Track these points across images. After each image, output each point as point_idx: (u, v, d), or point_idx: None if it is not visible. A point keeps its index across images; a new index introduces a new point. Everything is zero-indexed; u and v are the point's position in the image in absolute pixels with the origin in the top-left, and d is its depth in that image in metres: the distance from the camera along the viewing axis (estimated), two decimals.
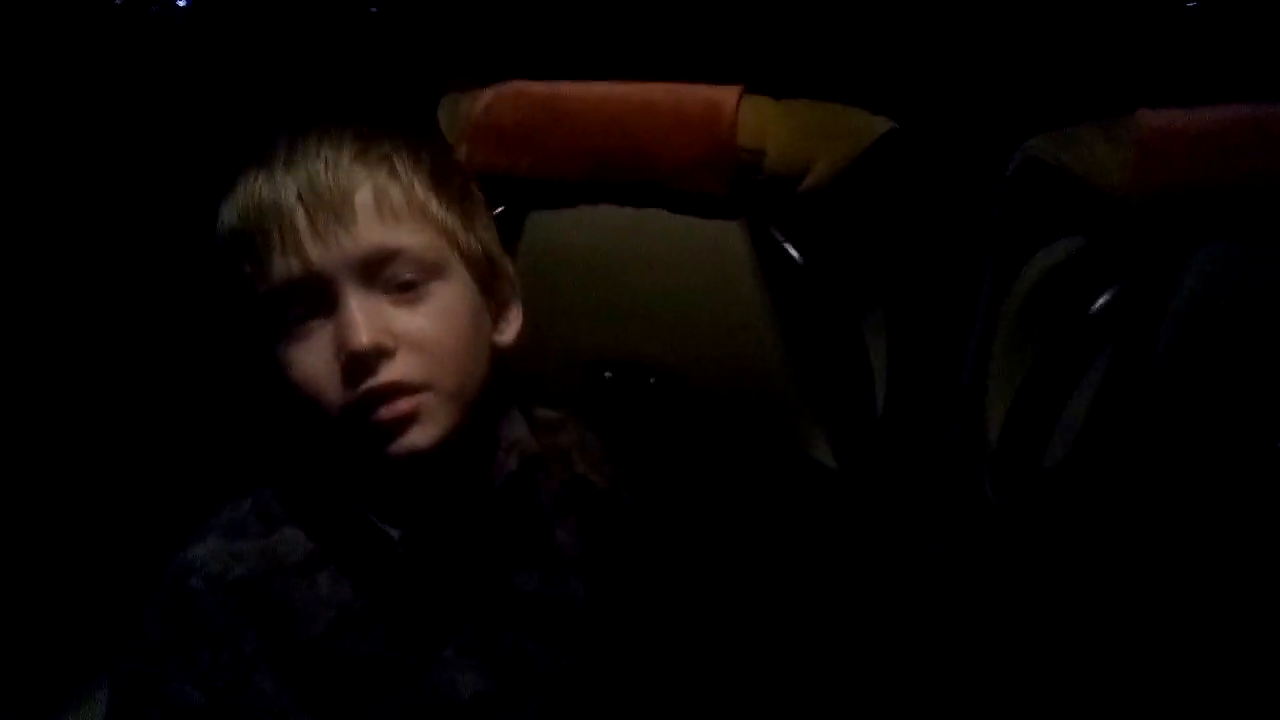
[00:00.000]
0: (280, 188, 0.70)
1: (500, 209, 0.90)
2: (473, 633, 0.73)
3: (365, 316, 0.68)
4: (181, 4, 1.63)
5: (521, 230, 0.94)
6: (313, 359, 0.69)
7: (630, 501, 0.82)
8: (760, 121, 0.90)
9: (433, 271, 0.72)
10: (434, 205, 0.73)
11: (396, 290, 0.70)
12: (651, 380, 0.92)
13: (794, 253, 0.89)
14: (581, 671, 0.75)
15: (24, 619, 1.28)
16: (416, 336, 0.70)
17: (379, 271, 0.70)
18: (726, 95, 0.90)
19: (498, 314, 0.78)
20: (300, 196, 0.69)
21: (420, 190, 0.73)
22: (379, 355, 0.68)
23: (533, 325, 0.83)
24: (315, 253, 0.68)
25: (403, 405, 0.68)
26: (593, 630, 0.76)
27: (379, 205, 0.70)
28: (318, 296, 0.69)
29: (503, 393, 0.78)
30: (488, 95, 0.95)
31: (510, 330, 0.79)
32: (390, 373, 0.68)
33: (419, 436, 0.69)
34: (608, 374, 0.93)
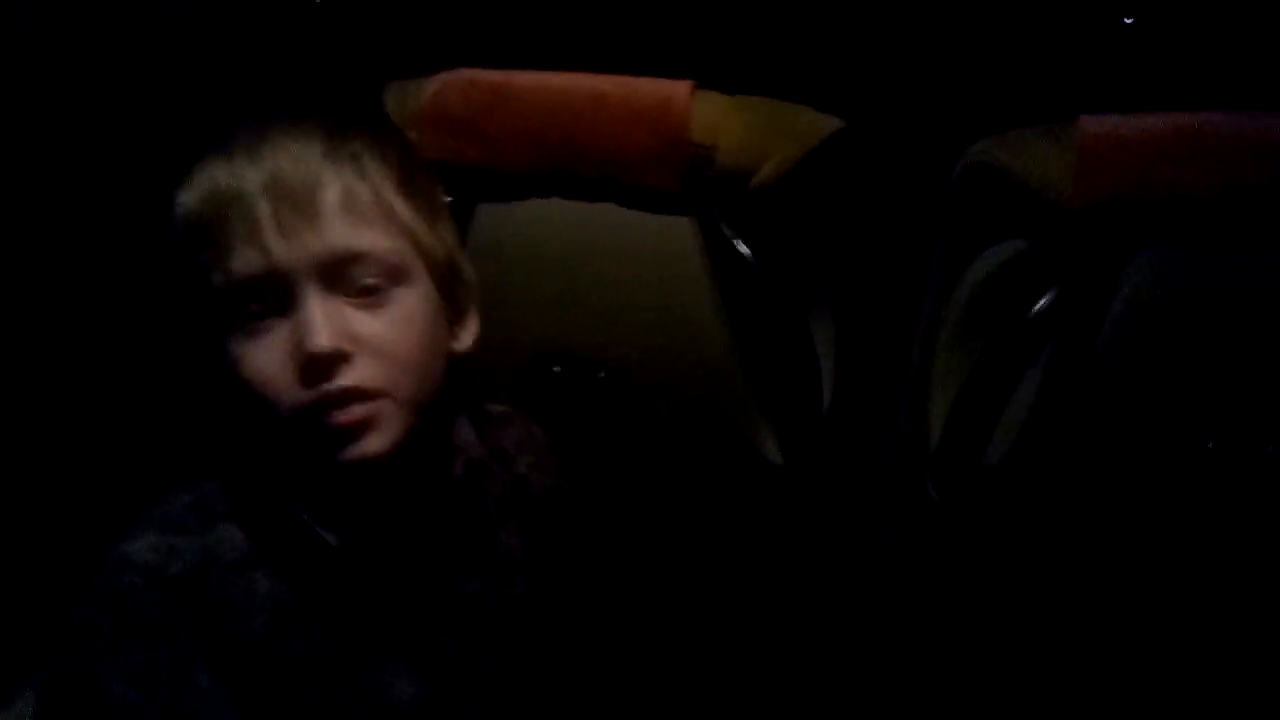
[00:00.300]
0: (244, 178, 0.67)
1: (448, 200, 0.89)
2: (411, 637, 0.73)
3: (326, 318, 0.66)
4: None
5: (470, 222, 0.93)
6: (267, 357, 0.67)
7: (574, 499, 0.82)
8: (712, 117, 0.90)
9: (396, 276, 0.69)
10: (400, 207, 0.70)
11: (359, 293, 0.68)
12: (600, 374, 0.92)
13: (743, 248, 0.89)
14: (520, 674, 0.75)
15: None
16: (376, 342, 0.68)
17: (342, 273, 0.67)
18: (679, 90, 0.90)
19: (455, 320, 0.76)
20: (265, 189, 0.66)
21: (388, 191, 0.70)
22: (337, 359, 0.66)
23: (481, 318, 0.82)
24: (278, 249, 0.66)
25: (358, 411, 0.66)
26: (534, 631, 0.76)
27: (346, 205, 0.68)
28: (277, 293, 0.67)
29: (453, 395, 0.77)
30: (437, 82, 0.94)
31: (467, 336, 0.77)
32: (347, 377, 0.66)
33: (373, 443, 0.67)
34: (556, 368, 0.93)
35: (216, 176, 0.68)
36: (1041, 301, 0.81)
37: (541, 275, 0.92)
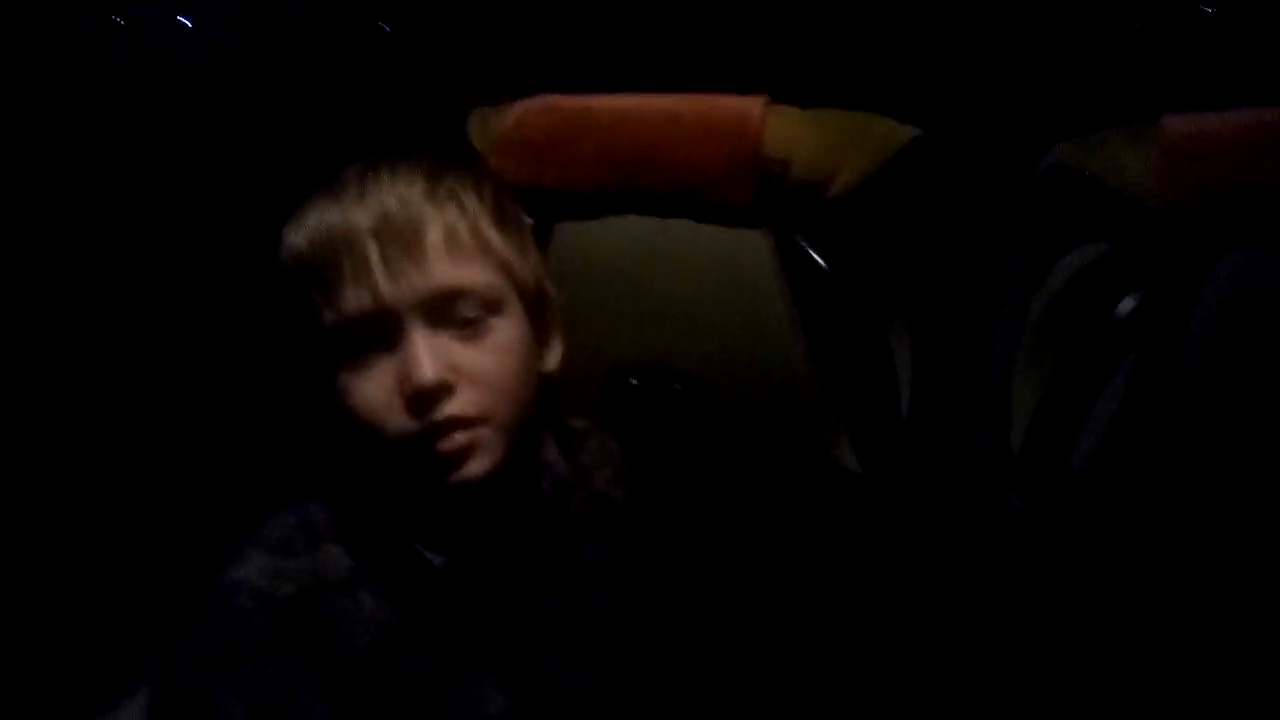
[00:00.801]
0: (352, 220, 0.71)
1: (530, 222, 0.92)
2: (502, 653, 0.75)
3: (430, 352, 0.70)
4: (187, 24, 1.68)
5: (548, 241, 0.95)
6: (374, 389, 0.70)
7: (650, 513, 0.83)
8: (785, 131, 0.91)
9: (493, 308, 0.73)
10: (496, 241, 0.74)
11: (458, 326, 0.72)
12: (677, 386, 0.93)
13: (819, 260, 0.89)
14: (604, 687, 0.76)
15: (61, 629, 1.31)
16: (476, 372, 0.71)
17: (444, 309, 0.71)
18: (752, 105, 0.91)
19: (543, 342, 0.79)
20: (373, 230, 0.70)
21: (484, 226, 0.74)
22: (442, 391, 0.70)
23: (563, 336, 0.84)
24: (386, 287, 0.70)
25: (461, 439, 0.70)
26: (616, 645, 0.77)
27: (449, 243, 0.72)
28: (383, 329, 0.71)
29: (539, 413, 0.79)
30: (516, 109, 0.97)
31: (554, 358, 0.80)
32: (451, 407, 0.70)
33: (475, 467, 0.71)
34: (633, 380, 0.94)
35: (326, 219, 0.72)
36: (1126, 304, 0.80)
37: (618, 290, 0.94)
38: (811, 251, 0.89)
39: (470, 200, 0.74)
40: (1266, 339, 0.75)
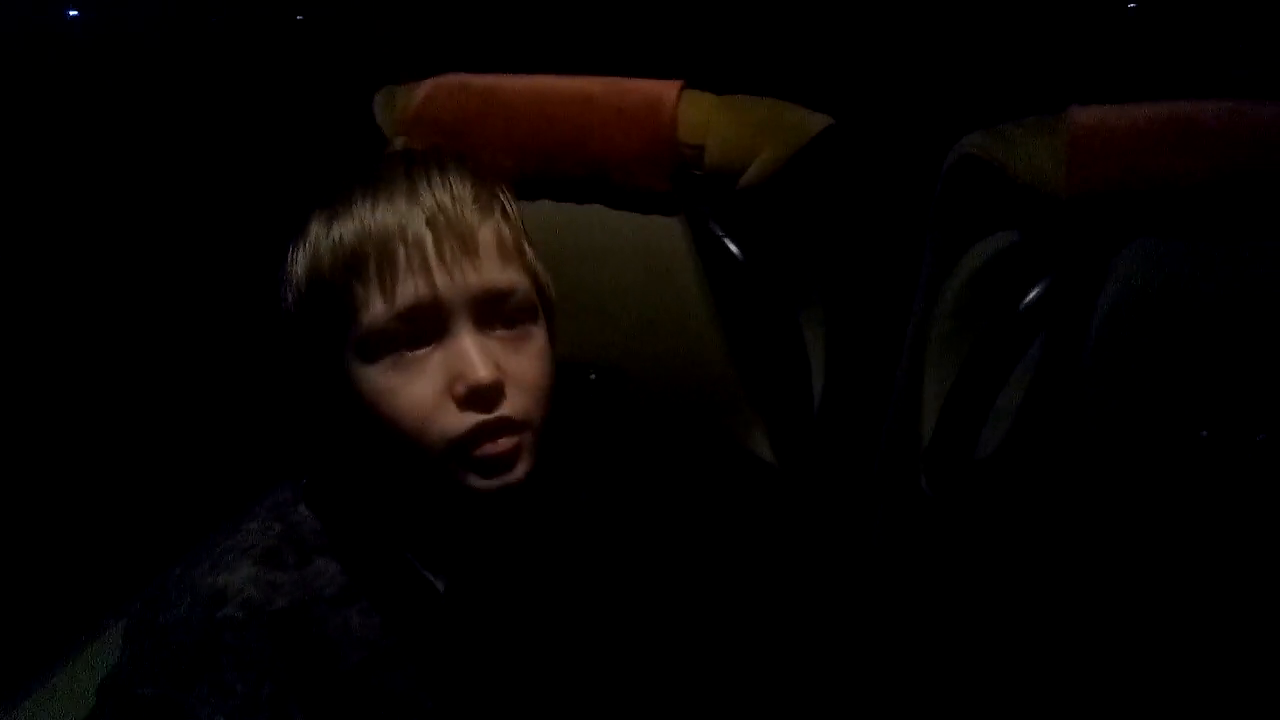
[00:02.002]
0: (408, 214, 0.70)
1: None
2: (485, 670, 0.74)
3: (482, 352, 0.69)
4: (73, 13, 1.63)
5: None
6: (420, 389, 0.69)
7: (571, 507, 0.82)
8: (700, 117, 0.90)
9: (531, 314, 0.73)
10: (528, 249, 0.75)
11: (503, 328, 0.71)
12: (592, 376, 0.92)
13: (733, 248, 0.89)
14: (566, 688, 0.75)
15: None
16: (520, 376, 0.71)
17: (492, 309, 0.71)
18: (667, 90, 0.91)
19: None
20: (430, 225, 0.69)
21: (521, 235, 0.75)
22: (496, 391, 0.69)
23: None
24: (441, 281, 0.69)
25: (506, 442, 0.69)
26: (569, 641, 0.76)
27: (498, 245, 0.72)
28: (433, 325, 0.69)
29: None
30: (426, 88, 0.95)
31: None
32: (502, 408, 0.69)
33: (517, 472, 0.70)
34: None
35: (378, 213, 0.70)
36: (1033, 292, 0.81)
37: None
38: (726, 239, 0.89)
39: (510, 207, 0.75)
40: (1165, 325, 0.76)
